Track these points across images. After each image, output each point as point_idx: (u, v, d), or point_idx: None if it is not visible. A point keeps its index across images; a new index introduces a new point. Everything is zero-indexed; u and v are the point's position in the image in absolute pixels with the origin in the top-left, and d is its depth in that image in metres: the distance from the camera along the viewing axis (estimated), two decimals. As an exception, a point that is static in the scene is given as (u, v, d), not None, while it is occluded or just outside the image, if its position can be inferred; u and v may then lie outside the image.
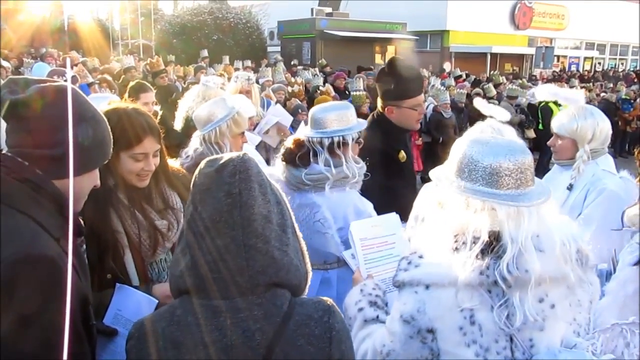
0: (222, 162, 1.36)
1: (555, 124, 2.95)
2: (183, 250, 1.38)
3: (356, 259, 2.22)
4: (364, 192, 2.93)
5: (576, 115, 2.85)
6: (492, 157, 1.49)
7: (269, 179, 1.44)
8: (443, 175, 1.61)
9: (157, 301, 1.99)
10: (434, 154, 8.56)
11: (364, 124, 2.74)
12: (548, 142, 3.03)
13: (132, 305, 1.96)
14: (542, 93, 3.18)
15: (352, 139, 2.62)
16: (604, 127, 2.84)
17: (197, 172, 1.39)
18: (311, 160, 2.60)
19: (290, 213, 1.46)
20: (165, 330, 1.33)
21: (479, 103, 2.78)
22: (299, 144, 2.66)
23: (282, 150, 2.71)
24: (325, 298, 1.43)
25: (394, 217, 2.33)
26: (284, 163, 2.64)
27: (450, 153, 1.61)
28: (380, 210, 2.51)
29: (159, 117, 4.10)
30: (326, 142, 2.57)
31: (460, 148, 1.57)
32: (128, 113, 2.10)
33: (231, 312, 1.30)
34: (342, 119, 2.61)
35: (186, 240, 1.37)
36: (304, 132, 2.68)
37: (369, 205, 2.69)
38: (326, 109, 2.67)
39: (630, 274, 2.15)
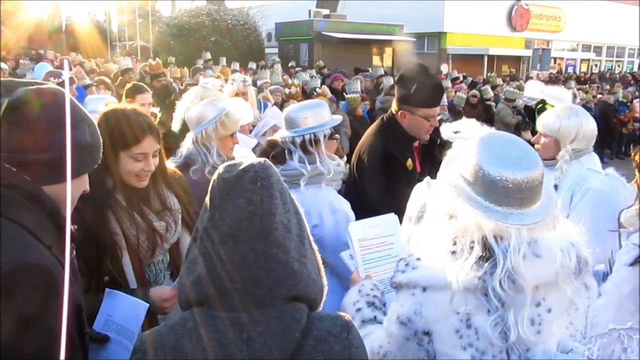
0: (242, 167, 1.30)
1: (540, 122, 2.94)
2: (195, 259, 1.31)
3: (354, 260, 2.22)
4: (366, 194, 2.92)
5: (561, 114, 2.84)
6: (494, 167, 1.45)
7: (287, 188, 1.38)
8: (449, 169, 1.60)
9: (148, 305, 1.96)
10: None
11: (337, 120, 2.76)
12: (532, 139, 2.99)
13: (122, 310, 1.94)
14: (532, 90, 3.17)
15: (325, 136, 2.65)
16: (588, 127, 2.83)
17: (215, 176, 1.34)
18: (287, 158, 2.65)
19: (306, 224, 1.40)
20: (175, 344, 1.25)
21: (445, 131, 2.76)
22: (272, 144, 2.72)
23: (257, 152, 2.74)
24: (342, 313, 1.39)
25: (392, 217, 2.32)
26: None
27: (465, 148, 1.57)
28: (382, 213, 2.51)
29: (157, 119, 4.09)
30: (298, 140, 2.62)
31: (472, 146, 1.53)
32: (127, 114, 2.10)
33: (247, 325, 1.23)
34: (314, 117, 2.65)
35: (201, 248, 1.29)
36: (280, 133, 2.73)
37: (345, 204, 2.72)
38: (298, 108, 2.72)
39: (626, 275, 2.15)
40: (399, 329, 1.58)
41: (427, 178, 2.30)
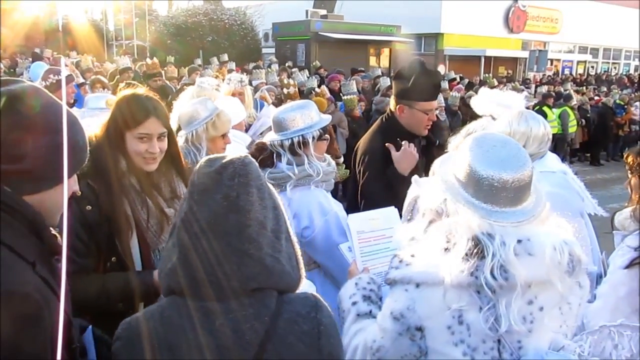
0: (222, 162, 1.35)
1: (493, 130, 2.93)
2: (173, 247, 1.36)
3: (353, 252, 2.23)
4: (364, 193, 2.91)
5: (511, 121, 2.83)
6: (482, 166, 1.50)
7: (268, 184, 1.43)
8: (445, 166, 1.64)
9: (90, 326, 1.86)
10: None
11: (326, 120, 2.73)
12: None
13: None
14: (481, 102, 3.09)
15: (313, 138, 2.62)
16: (538, 132, 2.80)
17: (196, 169, 1.38)
18: (275, 161, 2.64)
19: (285, 218, 1.45)
20: (152, 332, 1.32)
21: (475, 103, 2.76)
22: (260, 147, 2.70)
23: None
24: (311, 293, 1.44)
25: (392, 210, 2.33)
26: None
27: (458, 147, 1.63)
28: None
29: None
30: (287, 143, 2.59)
31: (465, 145, 1.59)
32: (136, 96, 2.15)
33: (220, 314, 1.30)
34: (303, 118, 2.62)
35: (179, 239, 1.35)
36: (269, 136, 2.71)
37: (336, 205, 2.71)
38: (286, 110, 2.69)
39: (622, 277, 2.17)
40: (392, 324, 1.60)
41: (415, 176, 2.30)
